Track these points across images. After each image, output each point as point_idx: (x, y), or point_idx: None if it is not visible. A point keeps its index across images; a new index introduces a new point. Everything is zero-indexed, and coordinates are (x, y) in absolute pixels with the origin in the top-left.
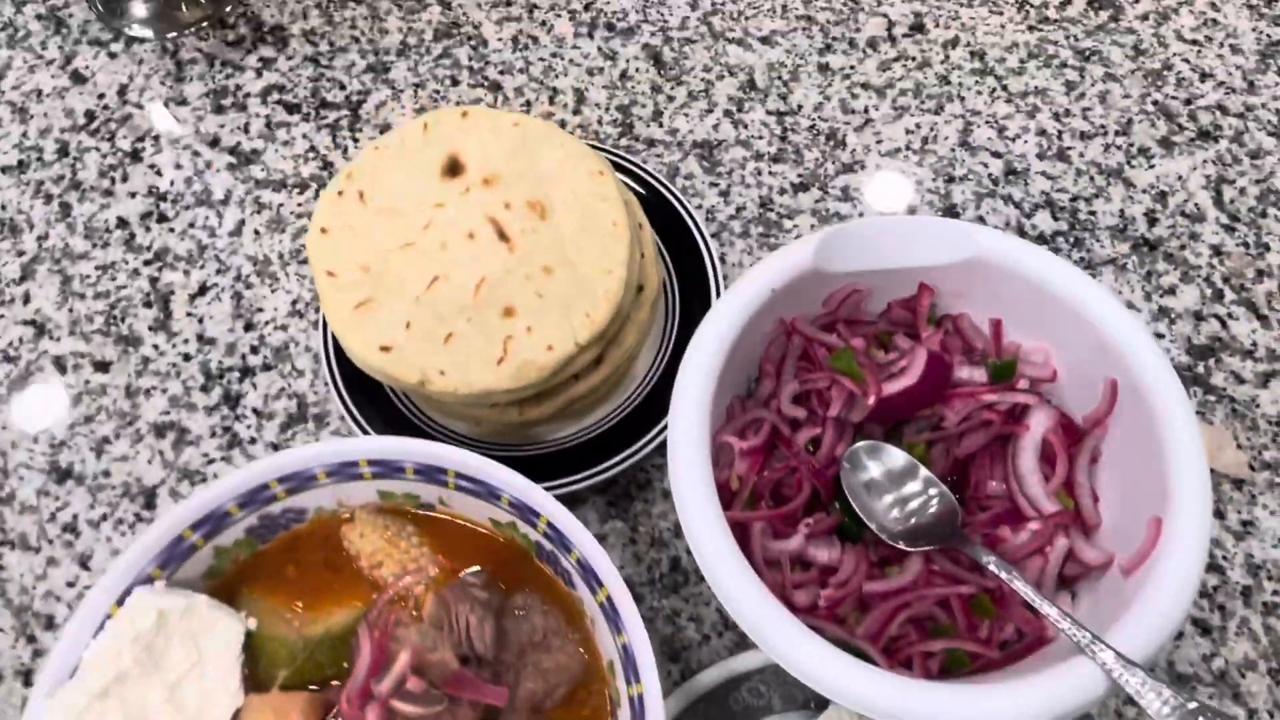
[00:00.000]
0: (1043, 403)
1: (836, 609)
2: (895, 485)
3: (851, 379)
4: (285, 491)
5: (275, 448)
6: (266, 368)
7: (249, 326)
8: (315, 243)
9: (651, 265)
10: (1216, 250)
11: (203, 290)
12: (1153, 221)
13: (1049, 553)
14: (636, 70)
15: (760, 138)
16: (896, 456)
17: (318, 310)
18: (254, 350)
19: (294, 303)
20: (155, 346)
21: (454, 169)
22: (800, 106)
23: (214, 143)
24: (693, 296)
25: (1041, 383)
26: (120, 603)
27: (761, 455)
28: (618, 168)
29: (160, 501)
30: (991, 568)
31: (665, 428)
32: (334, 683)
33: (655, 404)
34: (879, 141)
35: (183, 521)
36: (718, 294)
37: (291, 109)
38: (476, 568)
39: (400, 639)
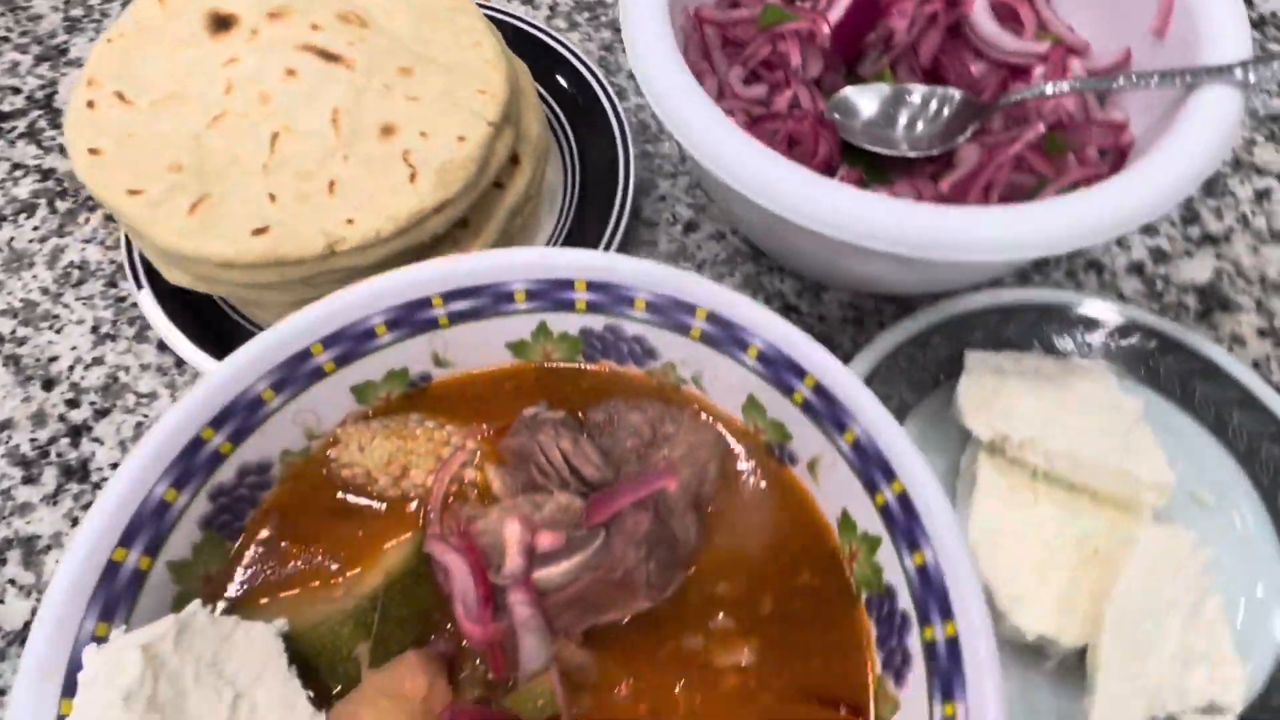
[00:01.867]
0: None
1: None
2: (896, 109)
3: (792, 24)
4: (227, 439)
5: None
6: (102, 413)
7: (49, 384)
8: (90, 169)
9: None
10: None
11: None
12: None
13: (1068, 71)
14: None
15: None
16: (879, 87)
17: (134, 323)
18: (72, 404)
19: (96, 329)
20: None
21: (222, 23)
22: None
23: None
24: (580, 123)
25: None
26: (68, 693)
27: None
28: None
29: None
30: (1041, 85)
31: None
32: (431, 637)
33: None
34: None
35: (102, 540)
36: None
37: None
38: (534, 407)
39: (489, 529)
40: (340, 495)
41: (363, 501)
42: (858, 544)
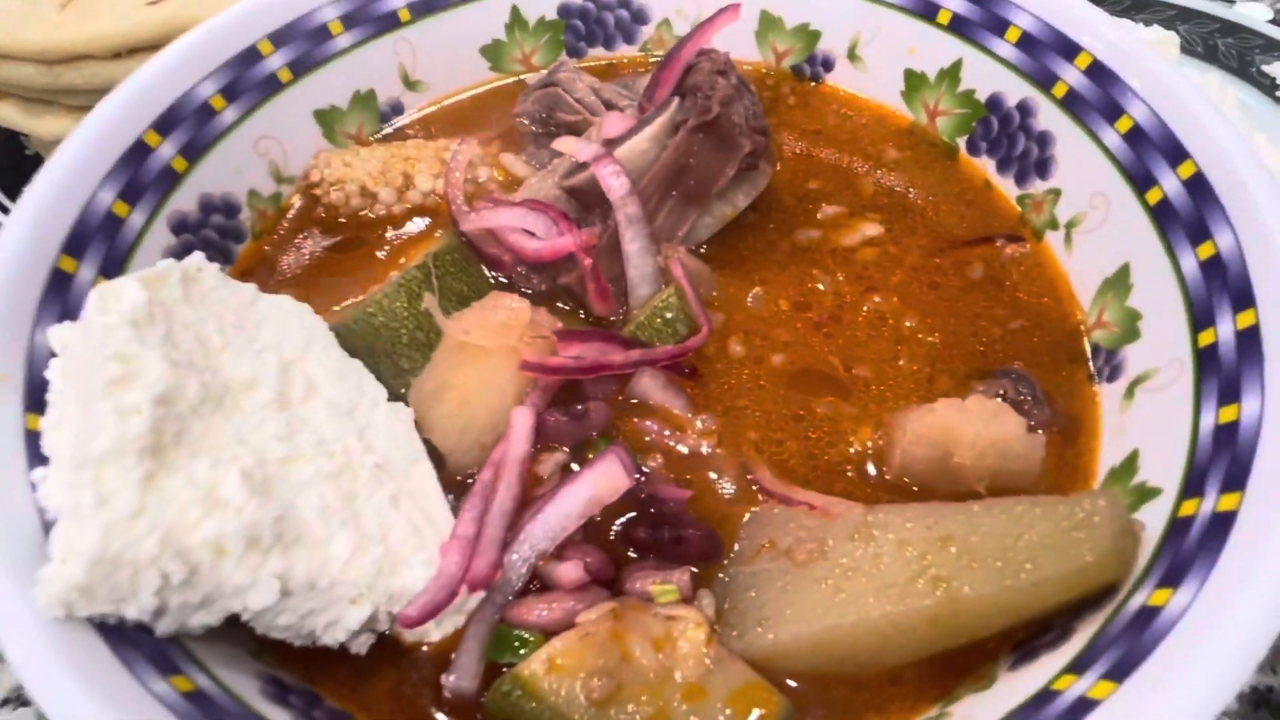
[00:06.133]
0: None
1: None
2: None
3: None
4: (179, 152)
5: None
6: None
7: None
8: None
9: None
10: None
11: None
12: None
13: None
14: None
15: None
16: None
17: None
18: None
19: None
20: None
21: None
22: None
23: None
24: None
25: None
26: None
27: None
28: None
29: None
30: None
31: None
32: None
33: None
34: None
35: (38, 236)
36: None
37: None
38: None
39: (535, 185)
40: (331, 227)
41: (366, 225)
42: (931, 96)
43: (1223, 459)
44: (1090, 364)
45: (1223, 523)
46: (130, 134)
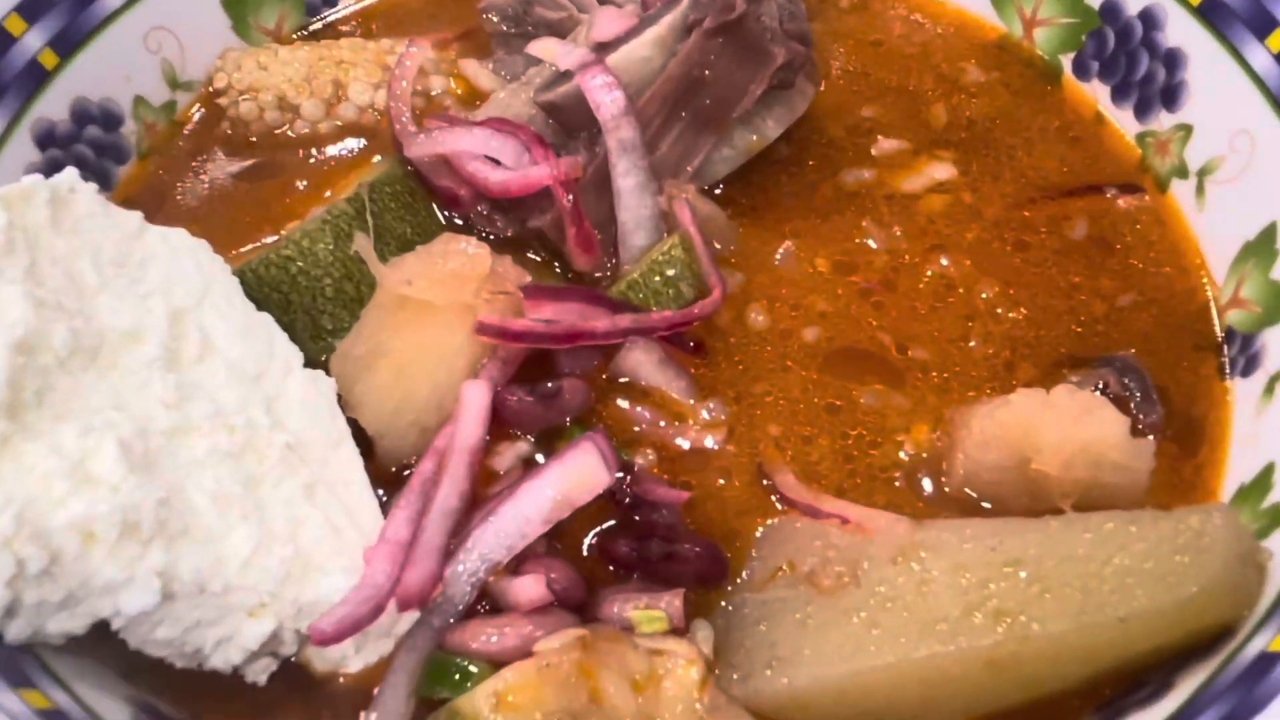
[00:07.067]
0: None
1: None
2: None
3: None
4: (48, 44)
5: None
6: None
7: None
8: None
9: None
10: None
11: None
12: None
13: None
14: None
15: None
16: None
17: None
18: None
19: None
20: None
21: None
22: None
23: None
24: None
25: None
26: None
27: None
28: None
29: None
30: None
31: None
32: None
33: None
34: None
35: None
36: None
37: None
38: None
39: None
40: (249, 145)
41: (284, 145)
42: (1029, 1)
43: None
44: (1222, 353)
45: None
46: None
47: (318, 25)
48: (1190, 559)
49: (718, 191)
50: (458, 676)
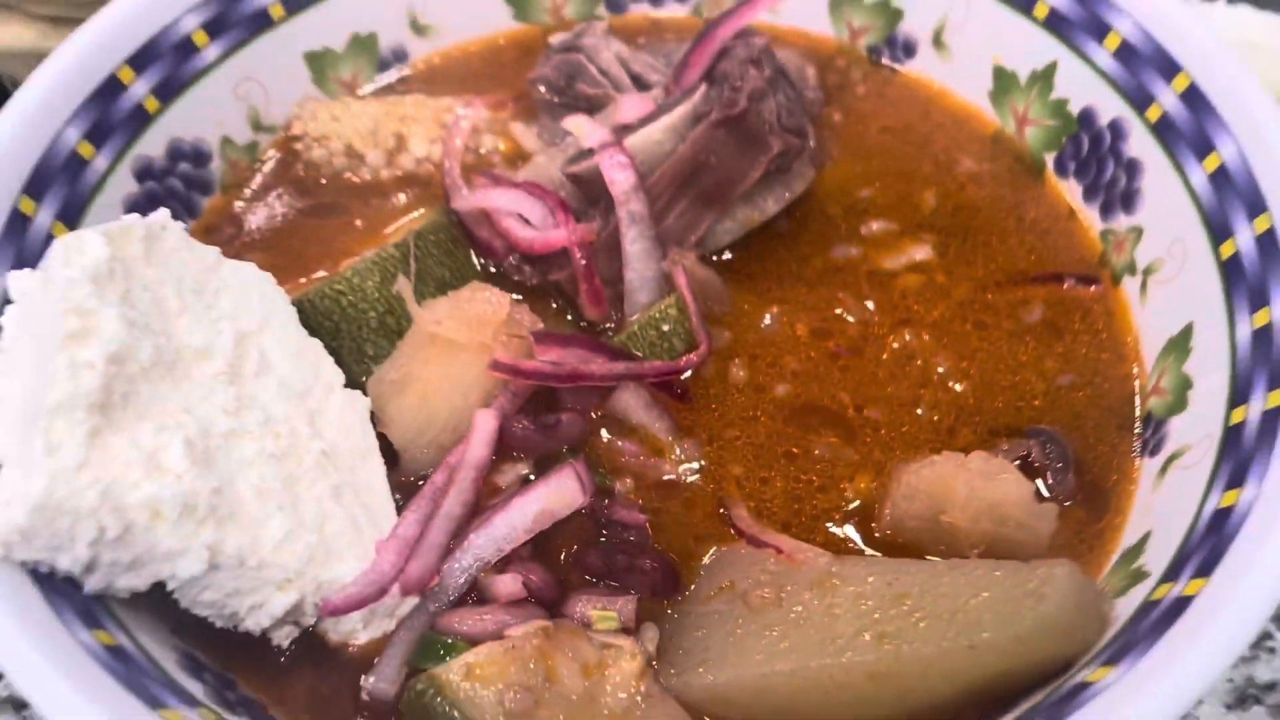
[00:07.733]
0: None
1: None
2: None
3: None
4: (152, 91)
5: None
6: None
7: None
8: None
9: None
10: None
11: None
12: None
13: None
14: None
15: None
16: None
17: None
18: None
19: None
20: None
21: None
22: None
23: None
24: None
25: None
26: None
27: None
28: None
29: None
30: None
31: None
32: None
33: None
34: None
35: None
36: None
37: None
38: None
39: (538, 167)
40: (308, 189)
41: (348, 189)
42: (1021, 101)
43: (1207, 545)
44: (1139, 434)
45: (1179, 607)
46: (103, 69)
47: (388, 79)
48: (1031, 602)
49: (722, 259)
50: (441, 651)
